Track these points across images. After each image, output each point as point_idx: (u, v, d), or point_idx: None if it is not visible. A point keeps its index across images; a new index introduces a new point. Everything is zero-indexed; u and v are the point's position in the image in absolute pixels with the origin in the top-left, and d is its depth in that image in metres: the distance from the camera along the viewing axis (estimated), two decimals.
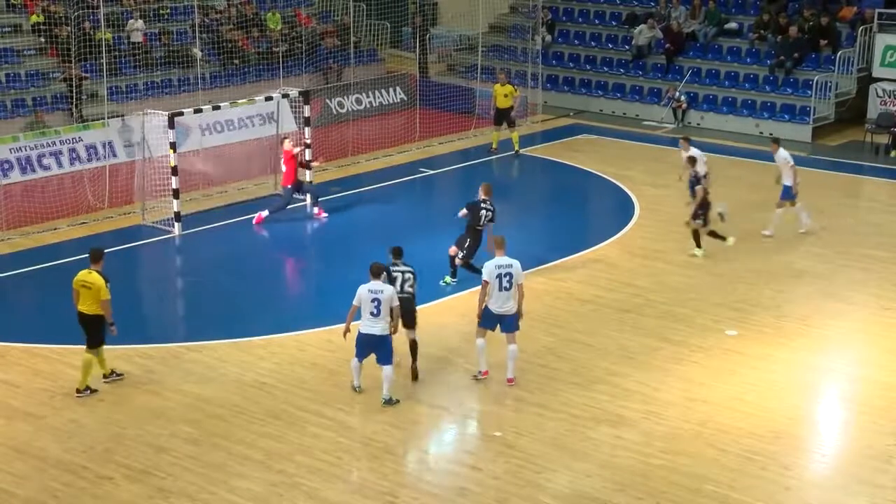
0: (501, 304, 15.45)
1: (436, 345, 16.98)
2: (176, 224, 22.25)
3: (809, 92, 29.43)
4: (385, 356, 15.06)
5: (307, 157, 23.47)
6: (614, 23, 34.71)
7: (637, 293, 19.04)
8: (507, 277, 15.34)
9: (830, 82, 29.71)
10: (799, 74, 30.31)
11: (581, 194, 25.93)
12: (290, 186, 22.67)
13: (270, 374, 16.05)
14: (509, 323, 15.54)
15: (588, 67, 33.87)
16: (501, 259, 15.52)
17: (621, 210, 23.51)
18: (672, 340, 17.16)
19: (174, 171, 22.12)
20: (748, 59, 31.70)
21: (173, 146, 22.09)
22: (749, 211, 22.51)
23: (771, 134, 28.09)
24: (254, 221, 22.56)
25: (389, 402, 15.08)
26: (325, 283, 20.66)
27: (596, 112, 32.48)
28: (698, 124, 30.91)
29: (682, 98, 30.99)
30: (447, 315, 17.97)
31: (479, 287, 15.71)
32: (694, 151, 21.57)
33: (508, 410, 15.09)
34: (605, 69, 33.57)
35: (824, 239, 21.54)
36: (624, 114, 32.21)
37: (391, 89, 32.21)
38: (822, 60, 30.32)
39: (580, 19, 35.46)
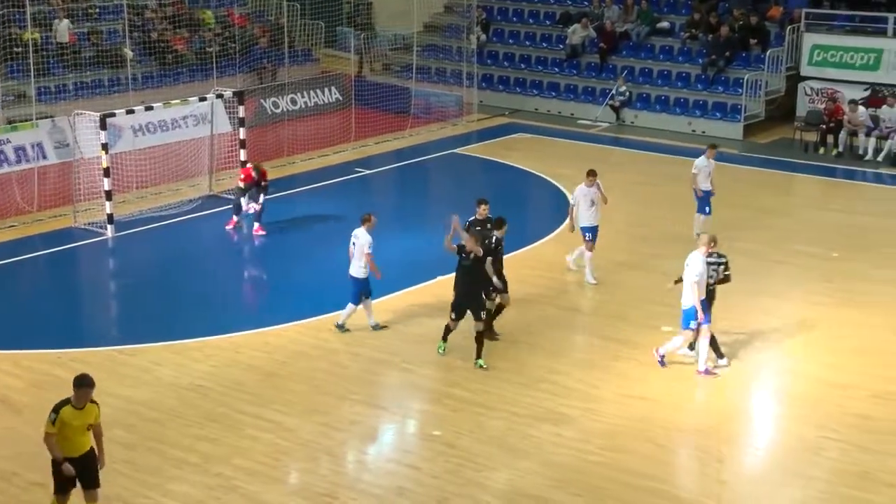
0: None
1: (374, 346, 16.95)
2: (109, 226, 21.95)
3: (740, 90, 29.83)
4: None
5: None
6: (548, 22, 34.89)
7: (574, 291, 19.15)
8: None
9: (760, 81, 30.14)
10: (730, 73, 30.71)
11: (517, 193, 26.00)
12: (242, 186, 22.20)
13: (206, 376, 15.89)
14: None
15: (523, 66, 34.02)
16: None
17: (557, 208, 23.61)
18: (610, 338, 17.28)
19: (106, 172, 21.83)
20: (680, 58, 32.05)
21: (105, 147, 21.80)
22: (686, 209, 22.71)
23: (709, 138, 28.35)
24: (254, 231, 22.08)
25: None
26: (261, 285, 20.54)
27: (531, 111, 32.63)
28: (632, 123, 31.19)
29: (626, 91, 31.20)
30: (384, 315, 17.91)
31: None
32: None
33: (448, 410, 15.09)
34: (540, 68, 33.73)
35: (756, 235, 21.81)
36: (559, 113, 32.39)
37: (326, 89, 32.07)
38: (753, 59, 30.74)
39: (514, 19, 35.60)
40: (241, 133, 24.18)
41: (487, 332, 16.51)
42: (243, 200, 22.32)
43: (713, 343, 16.07)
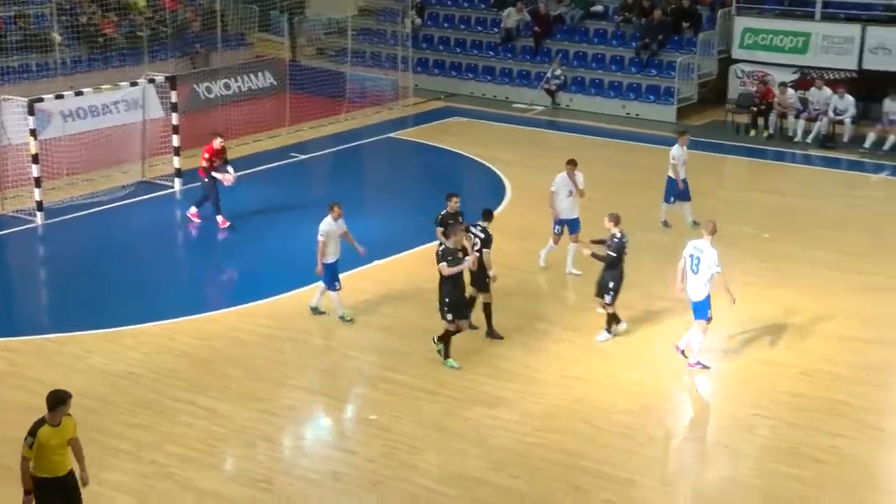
0: None
1: (312, 331, 16.89)
2: (38, 213, 21.60)
3: (673, 73, 30.09)
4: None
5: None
6: (483, 6, 34.89)
7: (511, 274, 19.18)
8: None
9: (693, 64, 30.43)
10: (663, 56, 30.95)
11: (453, 177, 25.97)
12: (206, 165, 21.39)
13: (139, 364, 15.73)
14: None
15: (458, 50, 34.00)
16: None
17: (493, 192, 23.68)
18: (547, 320, 17.38)
19: (35, 158, 21.47)
20: (614, 42, 32.23)
21: (34, 133, 21.44)
22: (620, 191, 22.91)
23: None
24: (220, 225, 21.36)
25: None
26: (196, 272, 20.34)
27: (467, 95, 32.63)
28: (567, 106, 31.32)
29: (561, 75, 31.31)
30: (323, 299, 17.82)
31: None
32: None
33: (385, 394, 15.08)
34: (475, 52, 33.73)
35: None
36: (494, 96, 32.42)
37: (260, 74, 31.81)
38: (685, 43, 31.01)
39: (449, 2, 35.54)
40: (174, 118, 23.88)
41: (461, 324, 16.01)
42: (217, 175, 21.27)
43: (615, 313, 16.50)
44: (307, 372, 15.76)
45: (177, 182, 23.87)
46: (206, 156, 21.24)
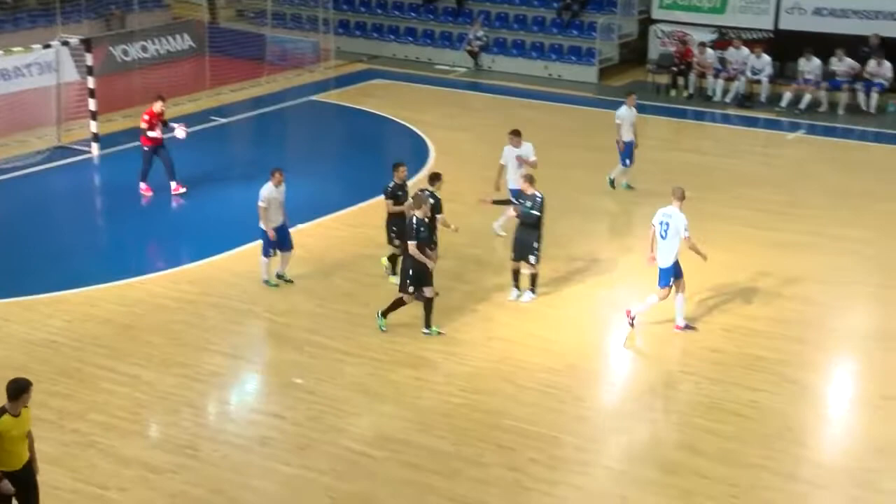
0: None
1: (234, 296, 16.75)
2: None
3: (594, 34, 30.23)
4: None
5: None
6: None
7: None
8: None
9: (614, 24, 30.59)
10: (584, 17, 31.06)
11: (376, 139, 25.90)
12: (147, 148, 20.96)
13: (60, 331, 15.48)
14: None
15: (380, 12, 33.76)
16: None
17: (416, 154, 23.61)
18: (470, 281, 17.42)
19: None
20: (536, 3, 32.24)
21: None
22: (541, 151, 22.92)
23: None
24: (173, 191, 20.91)
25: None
26: (116, 237, 20.03)
27: (389, 57, 32.45)
28: (489, 67, 31.30)
29: (483, 36, 31.24)
30: (242, 265, 17.70)
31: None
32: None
33: (309, 357, 15.03)
34: (397, 13, 33.52)
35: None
36: (416, 58, 32.28)
37: (178, 36, 31.22)
38: (606, 3, 31.15)
39: None
40: (90, 82, 23.41)
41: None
42: (154, 134, 20.72)
43: (515, 276, 16.65)
44: (230, 337, 15.64)
45: (94, 147, 23.44)
46: (147, 118, 20.83)
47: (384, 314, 15.63)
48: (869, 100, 27.01)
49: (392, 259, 17.18)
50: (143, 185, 21.00)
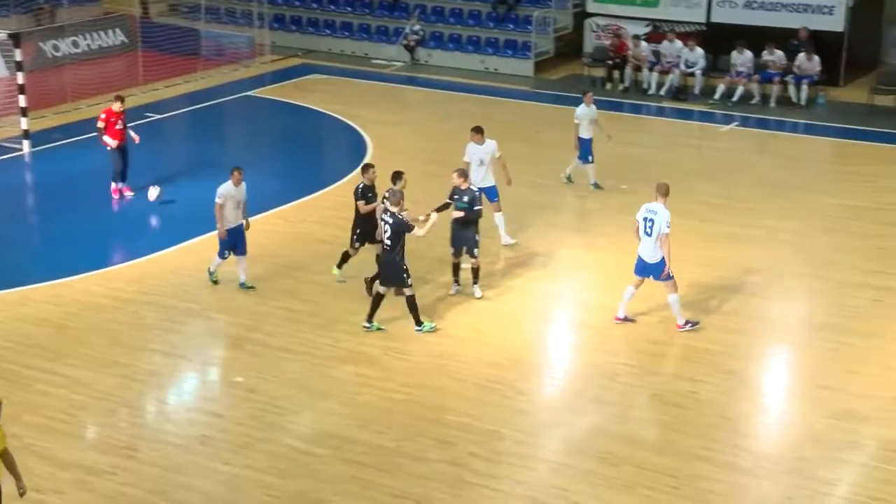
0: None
1: (171, 294, 16.57)
2: None
3: (530, 27, 30.32)
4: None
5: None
6: None
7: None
8: None
9: (549, 18, 30.71)
10: (519, 11, 31.14)
11: (313, 135, 25.78)
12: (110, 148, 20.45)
13: None
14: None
15: (315, 6, 33.54)
16: None
17: (354, 149, 23.53)
18: (411, 276, 17.35)
19: None
20: None
21: None
22: None
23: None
24: (124, 192, 20.44)
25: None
26: (49, 235, 19.71)
27: (325, 51, 32.28)
28: (426, 61, 31.27)
29: (420, 30, 31.18)
30: (181, 261, 17.52)
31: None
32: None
33: (249, 355, 14.92)
34: (332, 7, 33.34)
35: (549, 170, 22.26)
36: (353, 52, 32.15)
37: (110, 31, 30.77)
38: None
39: None
40: (20, 78, 23.01)
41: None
42: (108, 139, 20.31)
43: (455, 271, 16.66)
44: (169, 336, 15.47)
45: (25, 144, 23.07)
46: (103, 117, 20.38)
47: (370, 318, 15.51)
48: (799, 92, 27.39)
49: (342, 263, 17.06)
50: (114, 186, 20.47)
